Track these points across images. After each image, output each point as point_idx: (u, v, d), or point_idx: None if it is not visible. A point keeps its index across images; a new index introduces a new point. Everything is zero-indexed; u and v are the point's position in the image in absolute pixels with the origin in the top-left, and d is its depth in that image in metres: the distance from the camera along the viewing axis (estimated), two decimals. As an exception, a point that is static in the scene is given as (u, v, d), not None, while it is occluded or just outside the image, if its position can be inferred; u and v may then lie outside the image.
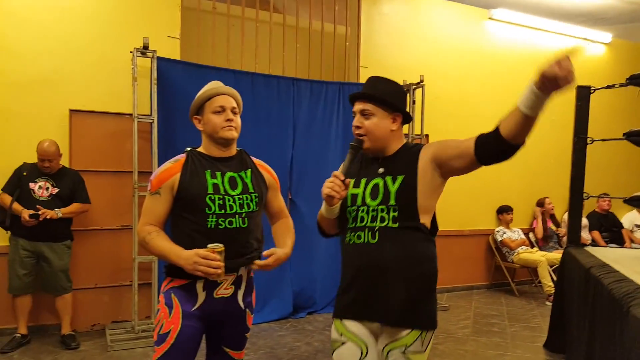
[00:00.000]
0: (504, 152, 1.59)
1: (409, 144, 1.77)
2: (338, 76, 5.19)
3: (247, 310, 1.87)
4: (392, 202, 1.64)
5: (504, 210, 5.95)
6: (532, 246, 6.02)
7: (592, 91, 3.67)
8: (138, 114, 3.84)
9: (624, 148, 3.54)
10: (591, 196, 3.81)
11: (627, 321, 1.85)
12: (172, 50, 4.29)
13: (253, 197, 1.83)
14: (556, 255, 5.49)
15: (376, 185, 1.68)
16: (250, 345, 3.75)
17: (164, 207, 1.77)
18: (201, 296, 1.74)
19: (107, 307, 4.18)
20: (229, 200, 1.77)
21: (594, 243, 5.94)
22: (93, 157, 4.13)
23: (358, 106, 1.71)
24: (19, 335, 3.69)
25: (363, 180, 1.72)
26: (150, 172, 3.87)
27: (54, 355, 3.52)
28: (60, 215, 3.64)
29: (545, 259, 5.43)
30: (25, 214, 3.51)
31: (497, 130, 1.57)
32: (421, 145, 1.74)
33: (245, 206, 1.80)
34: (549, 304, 5.01)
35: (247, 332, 1.89)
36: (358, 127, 1.70)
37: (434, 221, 1.71)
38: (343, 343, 1.69)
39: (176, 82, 4.07)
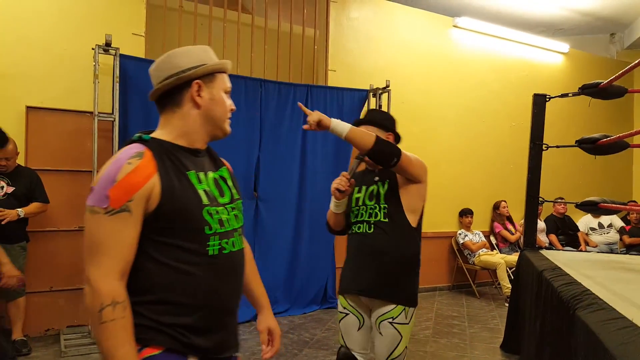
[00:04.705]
0: None
1: None
2: (306, 79, 5.21)
3: (237, 356, 1.40)
4: (382, 202, 2.10)
5: (464, 214, 6.10)
6: (493, 249, 6.18)
7: (547, 99, 3.80)
8: (99, 112, 3.76)
9: (579, 154, 3.69)
10: (546, 200, 3.95)
11: (573, 323, 1.93)
12: (136, 48, 4.21)
13: (240, 205, 1.39)
14: (515, 257, 5.65)
15: (372, 190, 2.14)
16: (211, 348, 3.72)
17: (135, 235, 1.16)
18: None
19: (63, 311, 4.05)
20: (223, 212, 1.28)
21: (551, 246, 6.15)
22: (50, 156, 4.00)
23: (362, 128, 2.10)
24: None
25: (364, 187, 2.17)
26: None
27: None
28: (22, 215, 3.51)
29: (504, 261, 5.59)
30: None
31: None
32: None
33: (239, 220, 1.36)
34: (507, 305, 5.16)
35: None
36: None
37: (420, 222, 2.17)
38: (346, 314, 2.16)
39: (140, 81, 3.99)
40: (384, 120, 2.24)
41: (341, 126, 1.95)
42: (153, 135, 1.28)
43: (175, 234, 1.19)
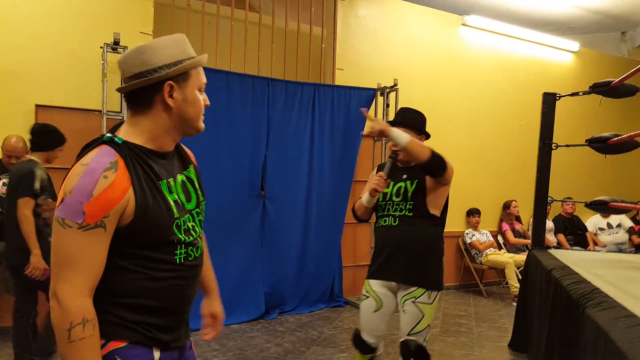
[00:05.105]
0: None
1: None
2: (314, 77, 5.20)
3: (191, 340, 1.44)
4: (409, 199, 2.31)
5: (471, 213, 6.07)
6: (500, 248, 6.15)
7: (557, 98, 3.78)
8: (107, 111, 3.78)
9: (589, 153, 3.66)
10: (555, 200, 3.92)
11: (583, 321, 1.91)
12: (144, 47, 4.23)
13: (204, 207, 1.37)
14: (523, 257, 5.62)
15: (400, 187, 2.34)
16: (219, 347, 3.73)
17: (106, 249, 1.13)
18: (156, 354, 1.24)
19: (73, 307, 4.08)
20: (189, 220, 1.28)
21: (559, 245, 6.11)
22: (59, 154, 4.04)
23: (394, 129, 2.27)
24: None
25: (391, 183, 2.36)
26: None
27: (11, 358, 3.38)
28: None
29: (513, 260, 5.55)
30: None
31: None
32: None
33: (202, 223, 1.36)
34: (515, 304, 5.13)
35: None
36: (396, 145, 2.22)
37: (444, 212, 2.39)
38: (367, 297, 2.38)
39: (148, 79, 4.01)
40: (416, 123, 2.38)
41: (401, 137, 2.14)
42: (122, 133, 1.22)
43: (144, 246, 1.18)
